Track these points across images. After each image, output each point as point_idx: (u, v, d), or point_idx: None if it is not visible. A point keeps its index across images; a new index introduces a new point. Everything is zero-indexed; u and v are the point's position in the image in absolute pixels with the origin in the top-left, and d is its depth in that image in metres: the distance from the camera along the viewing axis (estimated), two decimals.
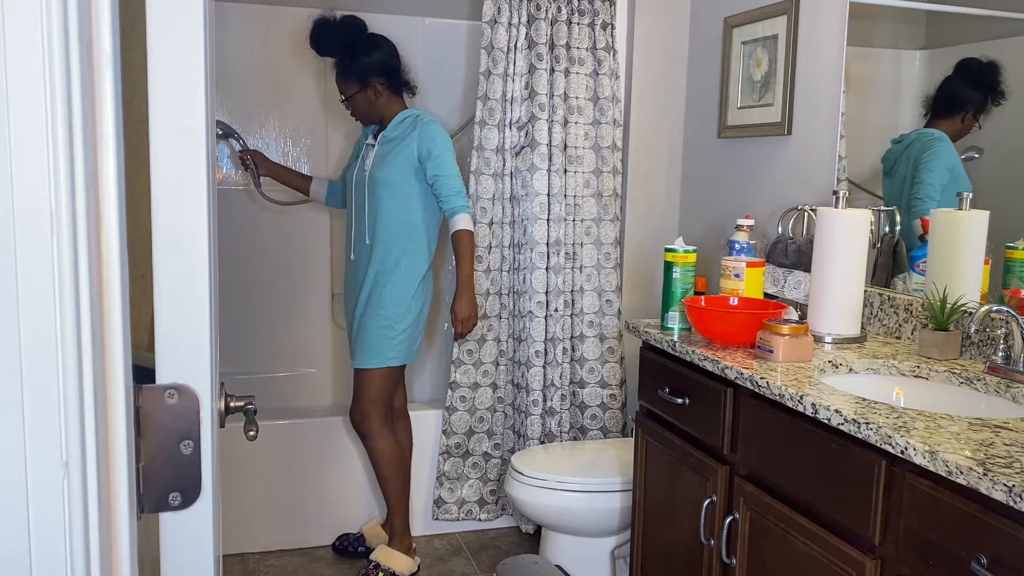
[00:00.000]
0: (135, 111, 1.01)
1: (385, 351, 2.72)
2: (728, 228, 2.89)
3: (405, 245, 2.71)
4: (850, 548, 1.49)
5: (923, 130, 2.01)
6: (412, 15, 3.36)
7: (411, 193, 2.70)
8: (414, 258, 2.72)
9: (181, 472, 0.77)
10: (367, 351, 2.72)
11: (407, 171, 2.68)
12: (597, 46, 2.99)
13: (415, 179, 2.69)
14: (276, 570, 2.90)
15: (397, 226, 2.70)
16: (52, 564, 0.61)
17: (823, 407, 1.53)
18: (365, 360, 2.73)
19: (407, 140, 2.69)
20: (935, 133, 1.97)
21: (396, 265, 2.70)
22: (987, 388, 1.71)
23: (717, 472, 1.90)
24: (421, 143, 2.67)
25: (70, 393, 0.60)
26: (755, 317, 1.98)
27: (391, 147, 2.72)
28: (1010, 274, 1.89)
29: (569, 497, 2.50)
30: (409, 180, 2.69)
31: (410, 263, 2.71)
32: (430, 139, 2.67)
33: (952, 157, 1.93)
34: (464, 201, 2.69)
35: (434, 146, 2.67)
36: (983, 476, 1.18)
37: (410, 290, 2.71)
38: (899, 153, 2.05)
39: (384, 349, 2.72)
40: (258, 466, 2.98)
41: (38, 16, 0.56)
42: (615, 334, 3.09)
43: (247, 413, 1.00)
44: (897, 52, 2.24)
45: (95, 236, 0.62)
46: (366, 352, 2.73)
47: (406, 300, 2.70)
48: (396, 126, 2.73)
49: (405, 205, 2.70)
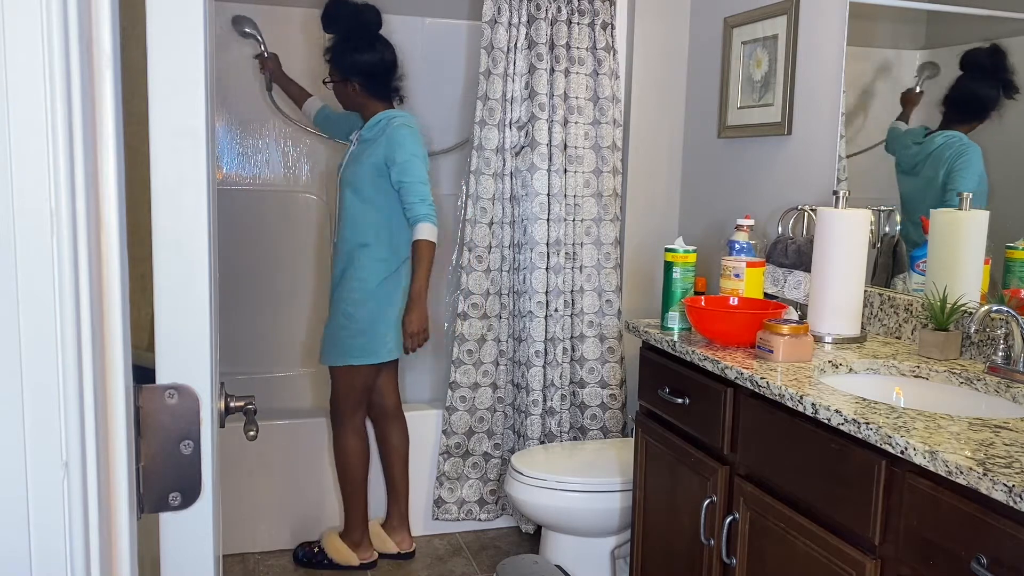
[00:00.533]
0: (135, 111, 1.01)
1: (347, 350, 2.71)
2: (728, 228, 2.89)
3: (366, 247, 2.69)
4: (850, 548, 1.49)
5: (950, 133, 2.00)
6: (412, 15, 3.36)
7: (374, 196, 2.68)
8: (375, 261, 2.69)
9: (181, 472, 0.77)
10: (326, 349, 2.75)
11: (372, 174, 2.67)
12: (597, 46, 2.99)
13: (380, 182, 2.67)
14: (276, 570, 2.90)
15: (359, 227, 2.70)
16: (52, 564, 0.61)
17: (823, 407, 1.53)
18: (325, 357, 2.76)
19: (376, 143, 2.68)
20: (964, 138, 1.97)
21: (356, 266, 2.70)
22: (987, 388, 1.71)
23: (717, 472, 1.90)
24: (388, 148, 2.65)
25: (70, 393, 0.60)
26: (755, 317, 1.98)
27: (363, 148, 2.72)
28: (1010, 274, 1.89)
29: (569, 497, 2.50)
30: (373, 183, 2.67)
31: (370, 265, 2.69)
32: (396, 144, 2.64)
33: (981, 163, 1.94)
34: (427, 209, 2.65)
35: (399, 152, 2.63)
36: (983, 476, 1.18)
37: (367, 290, 2.69)
38: (923, 154, 2.05)
39: (344, 348, 2.71)
40: (258, 466, 2.98)
41: (38, 16, 0.56)
42: (615, 334, 3.09)
43: (247, 413, 1.00)
44: (897, 52, 2.24)
45: (95, 236, 0.62)
46: (326, 350, 2.75)
47: (364, 300, 2.69)
48: (371, 127, 2.73)
49: (369, 207, 2.69)
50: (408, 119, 2.71)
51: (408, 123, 2.69)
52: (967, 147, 1.96)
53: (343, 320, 2.71)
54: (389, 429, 2.93)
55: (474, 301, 2.99)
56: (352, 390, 2.77)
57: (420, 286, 2.68)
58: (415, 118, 2.76)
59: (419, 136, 2.70)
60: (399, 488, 2.96)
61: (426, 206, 2.65)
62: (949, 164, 2.00)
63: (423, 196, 2.65)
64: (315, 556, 2.90)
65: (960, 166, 1.97)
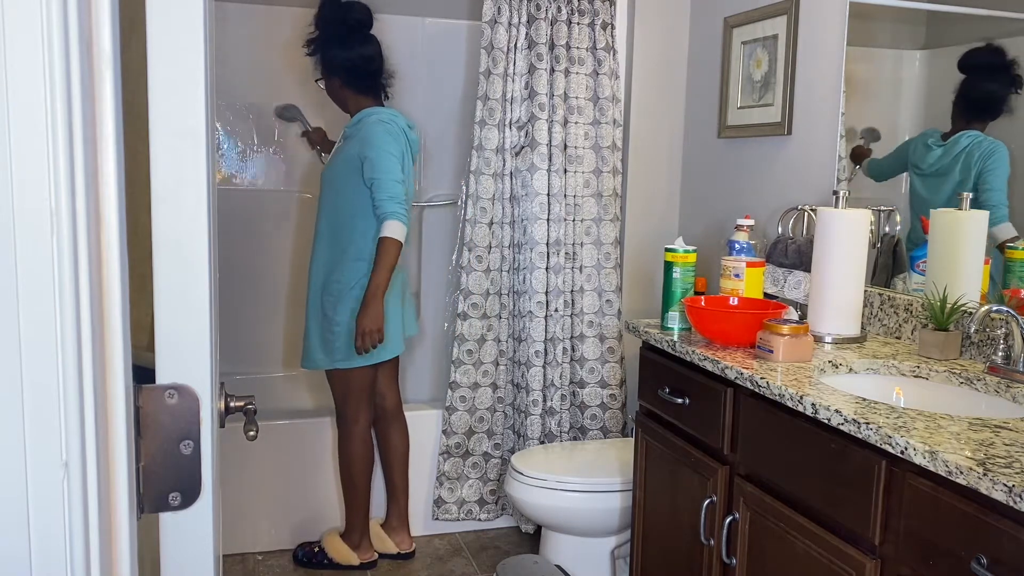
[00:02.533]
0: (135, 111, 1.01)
1: (332, 352, 2.68)
2: (728, 228, 2.89)
3: (344, 246, 2.66)
4: (850, 548, 1.49)
5: (972, 133, 2.01)
6: (412, 15, 3.36)
7: (350, 194, 2.65)
8: (353, 260, 2.66)
9: (181, 472, 0.77)
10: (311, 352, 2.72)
11: (348, 171, 2.64)
12: (597, 46, 2.99)
13: (356, 179, 2.64)
14: (276, 570, 2.90)
15: (336, 226, 2.67)
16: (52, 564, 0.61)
17: (823, 407, 1.53)
18: (309, 361, 2.73)
19: (353, 140, 2.66)
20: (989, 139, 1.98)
21: (335, 265, 2.67)
22: (987, 388, 1.71)
23: (717, 472, 1.90)
24: (361, 145, 2.62)
25: (70, 393, 0.60)
26: (755, 317, 1.98)
27: (343, 145, 2.70)
28: (1010, 274, 1.89)
29: (569, 497, 2.50)
30: (349, 180, 2.64)
31: (349, 265, 2.66)
32: (367, 141, 2.61)
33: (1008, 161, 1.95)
34: (395, 207, 2.58)
35: (370, 149, 2.59)
36: (983, 476, 1.18)
37: (345, 291, 2.65)
38: (948, 156, 2.05)
39: (330, 351, 2.68)
40: (258, 466, 2.97)
41: (38, 16, 0.56)
42: (615, 334, 3.09)
43: (247, 413, 1.00)
44: (897, 52, 2.24)
45: (95, 236, 0.62)
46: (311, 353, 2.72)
47: (344, 301, 2.65)
48: (352, 124, 2.70)
49: (345, 205, 2.66)
50: (387, 115, 2.66)
51: (384, 119, 2.64)
52: (995, 147, 1.96)
53: (327, 322, 2.67)
54: (389, 429, 2.93)
55: (474, 301, 2.99)
56: (350, 393, 2.75)
57: (377, 284, 2.58)
58: (401, 116, 2.71)
59: (396, 133, 2.65)
60: (399, 488, 2.96)
61: (394, 203, 2.58)
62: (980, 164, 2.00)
63: (392, 193, 2.58)
64: (315, 556, 2.90)
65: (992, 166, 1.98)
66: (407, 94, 3.35)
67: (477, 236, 2.96)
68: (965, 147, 2.02)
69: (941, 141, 2.07)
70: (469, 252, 2.97)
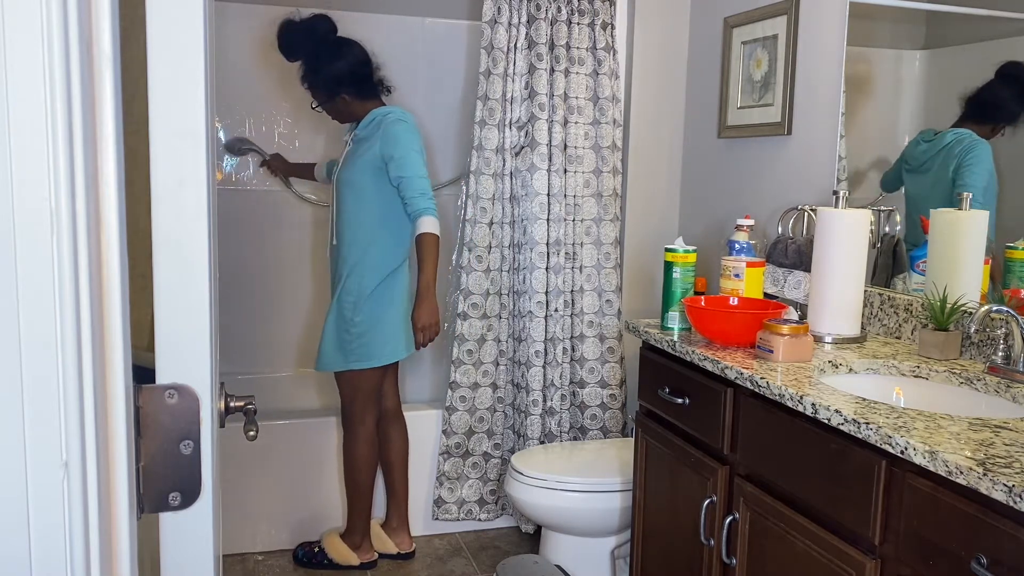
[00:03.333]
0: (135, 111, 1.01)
1: (349, 353, 2.69)
2: (728, 228, 2.89)
3: (365, 248, 2.67)
4: (850, 548, 1.49)
5: (960, 130, 2.00)
6: (412, 15, 3.36)
7: (372, 195, 2.65)
8: (374, 261, 2.67)
9: (181, 472, 0.77)
10: (327, 354, 2.72)
11: (369, 173, 2.64)
12: (597, 46, 2.99)
13: (377, 181, 2.64)
14: (276, 570, 2.90)
15: (357, 228, 2.67)
16: (52, 564, 0.61)
17: (823, 407, 1.53)
18: (325, 362, 2.73)
19: (372, 140, 2.65)
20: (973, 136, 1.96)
21: (355, 267, 2.67)
22: (987, 388, 1.71)
23: (717, 472, 1.90)
24: (384, 145, 2.62)
25: (70, 393, 0.60)
26: (755, 317, 1.98)
27: (358, 147, 2.69)
28: (1010, 274, 1.89)
29: (569, 497, 2.50)
30: (371, 182, 2.64)
31: (370, 266, 2.66)
32: (392, 141, 2.61)
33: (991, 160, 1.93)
34: (428, 203, 2.61)
35: (396, 148, 2.60)
36: (983, 476, 1.18)
37: (365, 292, 2.66)
38: (932, 151, 2.05)
39: (346, 352, 2.69)
40: (258, 466, 2.97)
41: (38, 16, 0.56)
42: (615, 334, 3.09)
43: (247, 413, 1.00)
44: (897, 52, 2.24)
45: (95, 236, 0.62)
46: (327, 355, 2.72)
47: (364, 302, 2.66)
48: (365, 126, 2.70)
49: (366, 207, 2.66)
50: (402, 114, 2.67)
51: (403, 118, 2.65)
52: (976, 143, 1.96)
53: (344, 324, 2.69)
54: (389, 430, 2.93)
55: (474, 301, 2.99)
56: (359, 394, 2.75)
57: (428, 279, 2.64)
58: (411, 113, 2.73)
59: (415, 130, 2.66)
60: (399, 489, 2.96)
61: (426, 200, 2.61)
62: (958, 160, 1.99)
63: (423, 190, 2.61)
64: (315, 556, 2.90)
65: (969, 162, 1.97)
66: (407, 94, 3.35)
67: (477, 236, 2.96)
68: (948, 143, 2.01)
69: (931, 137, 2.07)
70: (469, 252, 2.97)
